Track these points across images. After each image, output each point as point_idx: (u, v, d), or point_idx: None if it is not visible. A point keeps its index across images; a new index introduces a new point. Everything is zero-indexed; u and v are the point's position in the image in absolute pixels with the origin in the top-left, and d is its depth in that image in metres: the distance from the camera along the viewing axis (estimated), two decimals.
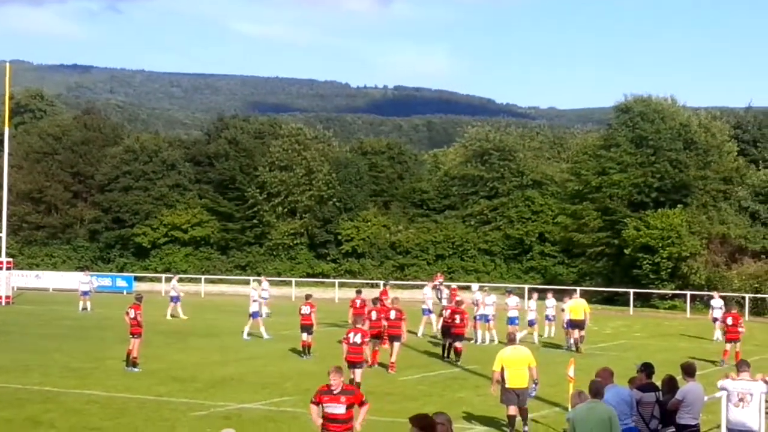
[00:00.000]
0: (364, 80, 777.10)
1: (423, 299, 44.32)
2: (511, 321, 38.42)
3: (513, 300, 40.03)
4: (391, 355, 31.32)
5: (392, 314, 32.11)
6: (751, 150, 72.28)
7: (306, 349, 34.21)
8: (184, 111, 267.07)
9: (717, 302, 43.22)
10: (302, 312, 34.55)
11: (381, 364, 31.38)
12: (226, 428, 10.61)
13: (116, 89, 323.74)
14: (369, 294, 42.01)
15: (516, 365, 21.03)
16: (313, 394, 16.05)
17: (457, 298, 36.88)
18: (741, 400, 17.28)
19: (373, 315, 32.53)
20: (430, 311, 42.88)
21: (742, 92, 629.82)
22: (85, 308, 54.64)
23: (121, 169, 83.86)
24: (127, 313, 30.97)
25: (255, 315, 40.84)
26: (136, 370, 30.09)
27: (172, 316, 50.17)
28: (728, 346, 32.97)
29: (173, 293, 51.47)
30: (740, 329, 33.20)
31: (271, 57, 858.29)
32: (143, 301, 32.06)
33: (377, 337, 31.42)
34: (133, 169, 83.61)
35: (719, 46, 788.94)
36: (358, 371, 25.44)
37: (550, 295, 43.07)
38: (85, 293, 55.71)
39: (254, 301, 41.68)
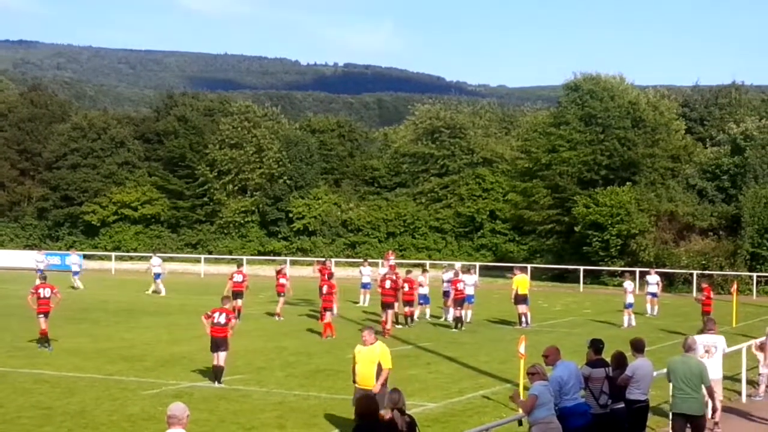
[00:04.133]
0: (313, 57, 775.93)
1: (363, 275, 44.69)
2: (468, 299, 38.80)
3: (471, 278, 40.23)
4: (386, 323, 34.44)
5: (387, 284, 35.44)
6: (698, 128, 72.99)
7: (237, 313, 36.20)
8: (132, 88, 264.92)
9: (653, 278, 43.97)
10: (234, 279, 38.95)
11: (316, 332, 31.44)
12: (175, 402, 10.51)
13: (63, 65, 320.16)
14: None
15: (364, 361, 18.62)
16: None
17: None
18: (707, 351, 19.60)
19: (324, 289, 34.55)
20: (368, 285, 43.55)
21: (690, 71, 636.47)
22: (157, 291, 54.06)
23: (69, 146, 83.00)
24: (35, 293, 30.83)
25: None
26: (50, 348, 29.96)
27: (154, 292, 51.41)
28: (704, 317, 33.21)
29: (158, 270, 52.90)
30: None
31: (220, 33, 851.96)
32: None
33: (330, 309, 34.21)
34: (82, 147, 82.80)
35: (667, 25, 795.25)
36: (223, 354, 24.24)
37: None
38: (40, 272, 55.30)
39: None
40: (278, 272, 40.93)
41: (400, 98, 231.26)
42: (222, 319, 24.45)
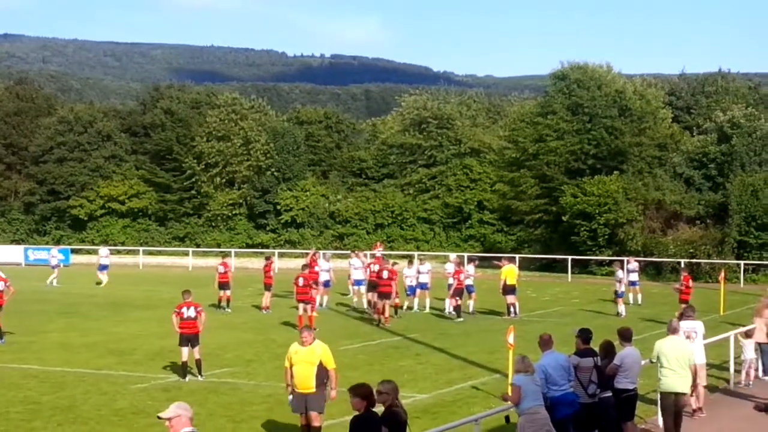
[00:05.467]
0: (300, 49, 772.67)
1: (353, 269, 43.06)
2: (469, 289, 38.98)
3: (470, 269, 40.31)
4: (384, 311, 35.15)
5: (384, 274, 35.78)
6: (684, 116, 73.09)
7: (227, 303, 39.76)
8: (119, 80, 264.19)
9: (633, 266, 44.14)
10: (219, 271, 40.23)
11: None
12: (177, 401, 10.41)
13: (49, 59, 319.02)
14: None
15: (303, 362, 17.37)
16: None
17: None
18: (688, 337, 19.90)
19: (301, 281, 33.99)
20: (362, 282, 41.58)
21: (676, 59, 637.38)
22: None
23: (56, 140, 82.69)
24: None
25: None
26: (2, 341, 30.12)
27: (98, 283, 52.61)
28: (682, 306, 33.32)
29: (106, 261, 54.04)
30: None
31: (206, 25, 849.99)
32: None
33: (306, 302, 33.60)
34: (68, 140, 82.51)
35: (653, 13, 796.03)
36: (196, 348, 24.18)
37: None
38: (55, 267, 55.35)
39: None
40: (267, 265, 40.87)
41: (387, 89, 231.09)
42: (192, 313, 24.38)
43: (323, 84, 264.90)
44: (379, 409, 12.25)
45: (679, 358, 17.57)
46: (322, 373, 17.32)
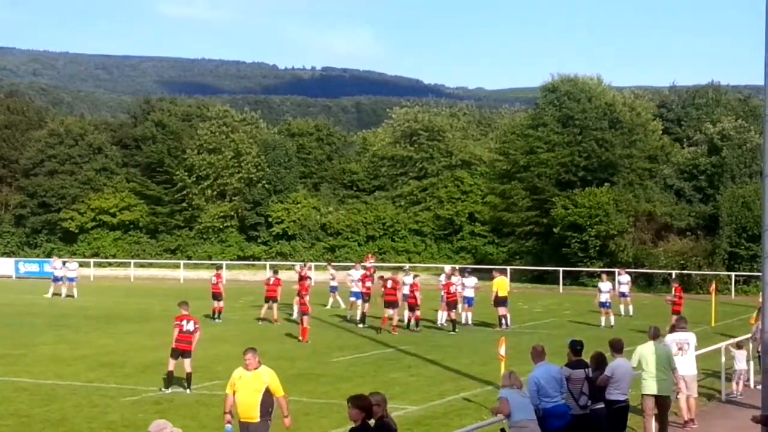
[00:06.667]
0: (291, 61, 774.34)
1: (350, 281, 41.85)
2: (468, 301, 39.02)
3: (471, 280, 40.27)
4: (394, 320, 36.29)
5: (389, 283, 36.78)
6: (675, 128, 73.22)
7: (218, 314, 40.50)
8: (110, 93, 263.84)
9: (623, 278, 44.27)
10: (212, 282, 41.43)
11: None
12: (158, 420, 10.44)
13: (39, 71, 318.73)
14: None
15: (247, 389, 15.55)
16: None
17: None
18: (680, 349, 20.09)
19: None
20: (359, 294, 40.65)
21: (666, 72, 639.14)
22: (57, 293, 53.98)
23: (47, 152, 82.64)
24: None
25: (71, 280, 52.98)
26: None
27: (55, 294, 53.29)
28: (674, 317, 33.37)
29: (70, 274, 54.04)
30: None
31: (197, 38, 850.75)
32: None
33: (306, 313, 34.46)
34: (59, 153, 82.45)
35: (644, 26, 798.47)
36: (187, 361, 24.07)
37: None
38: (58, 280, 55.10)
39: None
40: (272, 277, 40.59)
41: (378, 101, 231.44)
42: (190, 327, 24.44)
43: (314, 96, 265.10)
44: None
45: (659, 362, 18.27)
46: (268, 402, 15.43)
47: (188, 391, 23.82)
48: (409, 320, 37.96)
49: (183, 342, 24.28)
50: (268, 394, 15.34)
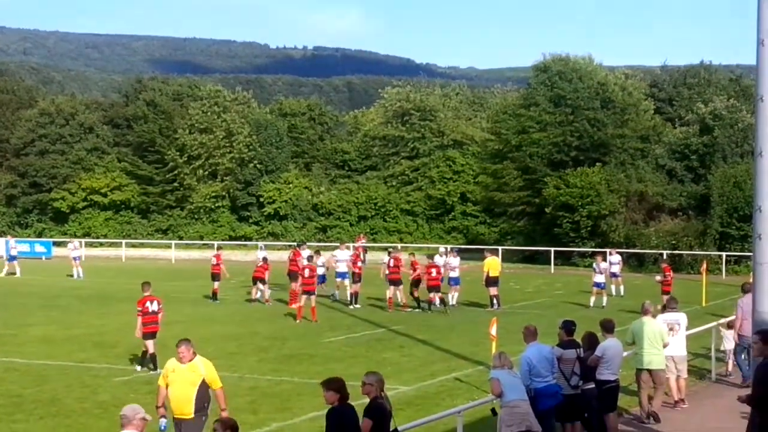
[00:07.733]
0: (283, 41, 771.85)
1: (335, 262, 41.54)
2: (455, 281, 39.08)
3: (455, 260, 40.21)
4: (404, 298, 37.28)
5: (391, 262, 37.39)
6: (666, 108, 73.20)
7: (214, 295, 40.36)
8: (100, 73, 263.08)
9: (615, 258, 44.32)
10: (212, 263, 41.66)
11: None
12: (128, 404, 10.43)
13: (30, 50, 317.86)
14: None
15: (182, 382, 14.45)
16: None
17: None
18: (671, 329, 20.17)
19: (307, 272, 34.50)
20: (345, 275, 40.81)
21: (658, 51, 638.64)
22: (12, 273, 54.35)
23: (37, 132, 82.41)
24: None
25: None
26: None
27: (10, 273, 53.82)
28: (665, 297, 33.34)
29: (14, 252, 55.98)
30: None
31: (189, 16, 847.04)
32: None
33: (309, 293, 34.12)
34: (50, 133, 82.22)
35: (635, 5, 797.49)
36: (150, 342, 24.07)
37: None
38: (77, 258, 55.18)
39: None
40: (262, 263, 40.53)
41: (369, 81, 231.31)
42: (155, 307, 24.54)
43: (306, 76, 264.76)
44: (364, 400, 12.27)
45: (651, 336, 18.92)
46: (204, 396, 14.35)
47: (152, 371, 23.48)
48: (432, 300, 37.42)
49: (151, 324, 24.30)
50: (204, 387, 14.34)
